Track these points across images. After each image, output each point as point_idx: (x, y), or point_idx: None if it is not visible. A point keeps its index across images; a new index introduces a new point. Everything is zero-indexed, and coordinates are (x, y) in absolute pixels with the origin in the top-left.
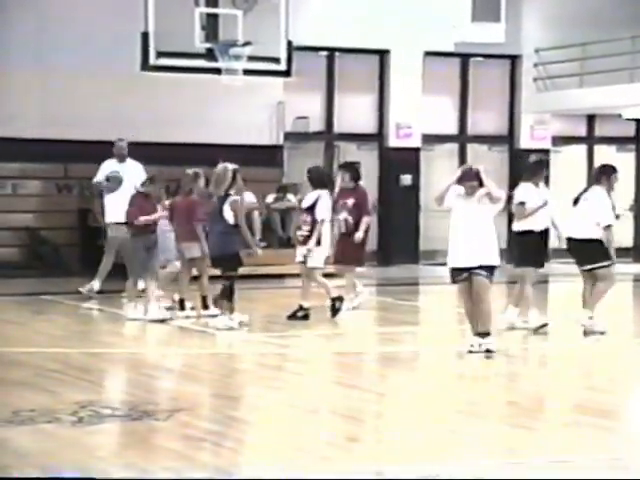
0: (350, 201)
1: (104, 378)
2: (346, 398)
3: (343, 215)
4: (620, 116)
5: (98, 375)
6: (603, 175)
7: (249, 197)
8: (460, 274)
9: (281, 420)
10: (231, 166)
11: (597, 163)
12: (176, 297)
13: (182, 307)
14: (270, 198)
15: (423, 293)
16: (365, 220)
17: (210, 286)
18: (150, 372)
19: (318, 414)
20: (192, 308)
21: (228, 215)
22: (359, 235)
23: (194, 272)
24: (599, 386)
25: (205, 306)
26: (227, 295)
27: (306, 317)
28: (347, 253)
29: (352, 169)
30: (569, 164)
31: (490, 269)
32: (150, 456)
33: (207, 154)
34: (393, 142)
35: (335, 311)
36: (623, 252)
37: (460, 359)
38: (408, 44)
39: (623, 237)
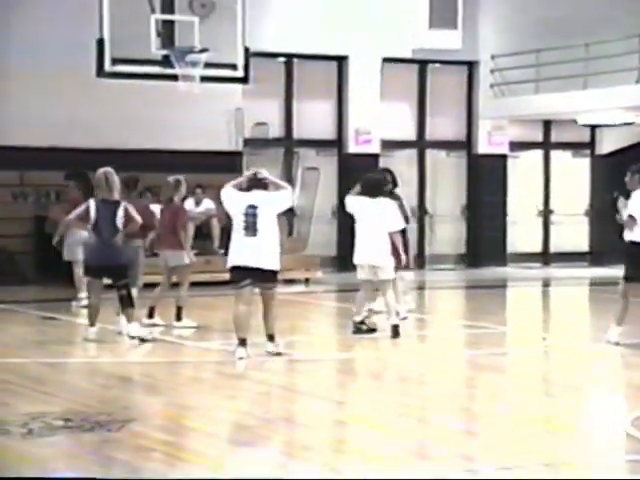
0: None
1: (58, 389)
2: (300, 406)
3: None
4: (575, 122)
5: (52, 386)
6: None
7: (208, 204)
8: (244, 275)
9: (235, 429)
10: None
11: (553, 168)
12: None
13: (151, 315)
14: None
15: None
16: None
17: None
18: (105, 382)
19: (274, 423)
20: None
21: (121, 223)
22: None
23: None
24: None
25: (179, 317)
26: (130, 303)
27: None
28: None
29: (387, 174)
30: (526, 169)
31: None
32: (99, 468)
33: (166, 160)
34: (352, 148)
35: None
36: (579, 256)
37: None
38: (366, 50)
39: (579, 242)
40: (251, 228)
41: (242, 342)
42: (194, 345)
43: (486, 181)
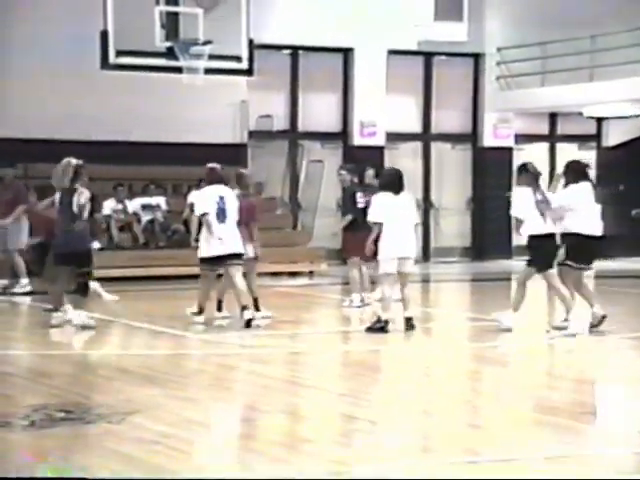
0: None
1: (59, 381)
2: (303, 399)
3: None
4: (581, 114)
5: (53, 377)
6: None
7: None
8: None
9: (237, 422)
10: (74, 161)
11: (559, 160)
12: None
13: (219, 308)
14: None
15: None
16: None
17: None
18: (106, 373)
19: (276, 416)
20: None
21: (78, 209)
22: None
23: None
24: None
25: (257, 308)
26: (84, 291)
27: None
28: None
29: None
30: (531, 161)
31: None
32: (100, 460)
33: (170, 153)
34: (357, 140)
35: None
36: None
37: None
38: (372, 43)
39: None
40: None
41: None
42: (196, 337)
43: (492, 174)
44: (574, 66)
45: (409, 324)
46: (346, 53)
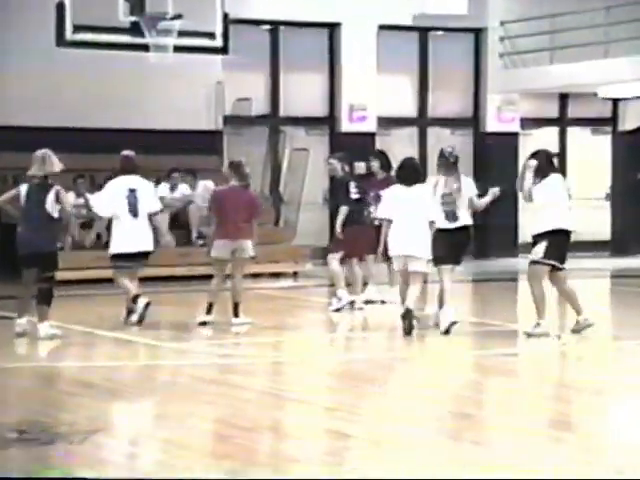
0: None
1: (13, 396)
2: (288, 414)
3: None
4: (595, 95)
5: (7, 393)
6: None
7: (185, 189)
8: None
9: (214, 441)
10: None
11: (571, 147)
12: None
13: (209, 311)
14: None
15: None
16: None
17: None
18: (67, 388)
19: (257, 433)
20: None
21: (52, 207)
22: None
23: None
24: None
25: (236, 313)
26: (48, 299)
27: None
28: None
29: (381, 157)
30: (540, 147)
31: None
32: None
33: (136, 141)
34: (346, 126)
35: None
36: (599, 246)
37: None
38: (361, 17)
39: (599, 229)
40: None
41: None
42: (169, 346)
43: (495, 162)
44: (587, 41)
45: (408, 317)
46: (332, 29)
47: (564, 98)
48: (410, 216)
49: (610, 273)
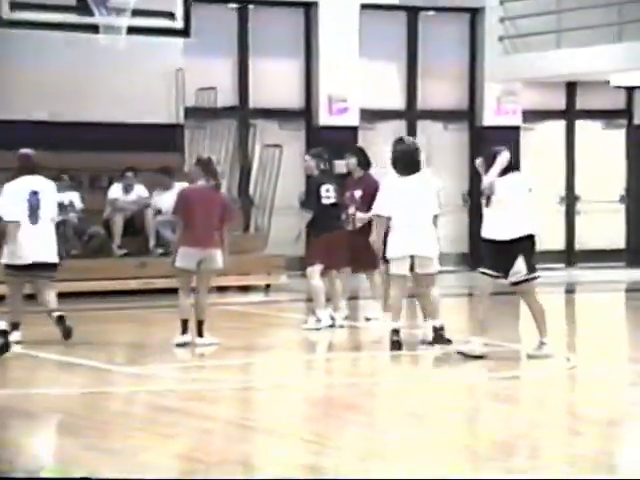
0: (357, 193)
1: None
2: (257, 446)
3: (351, 210)
4: (608, 83)
5: None
6: None
7: (141, 191)
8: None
9: (173, 477)
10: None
11: (579, 142)
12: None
13: (185, 331)
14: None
15: None
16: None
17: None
18: (5, 420)
19: (223, 469)
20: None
21: None
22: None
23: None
24: None
25: (201, 333)
26: None
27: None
28: (359, 255)
29: (359, 153)
30: (544, 145)
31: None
32: None
33: (86, 136)
34: (324, 119)
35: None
36: (613, 255)
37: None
38: None
39: (613, 236)
40: None
41: None
42: (121, 371)
43: None
44: (598, 22)
45: (439, 335)
46: (308, 8)
47: (572, 87)
48: (412, 210)
49: (625, 286)
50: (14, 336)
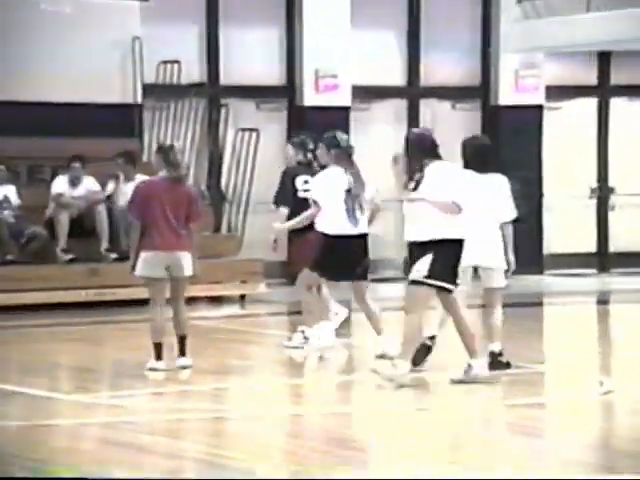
0: None
1: None
2: None
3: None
4: None
5: None
6: None
7: (90, 184)
8: None
9: None
10: None
11: (613, 124)
12: None
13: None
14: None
15: None
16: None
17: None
18: None
19: None
20: None
21: None
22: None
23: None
24: None
25: (183, 352)
26: None
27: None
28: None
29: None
30: (572, 127)
31: None
32: None
33: (25, 118)
34: (310, 98)
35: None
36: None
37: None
38: None
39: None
40: None
41: None
42: (68, 399)
43: (511, 145)
44: None
45: (497, 361)
46: None
47: (605, 58)
48: (479, 213)
49: None
50: None
